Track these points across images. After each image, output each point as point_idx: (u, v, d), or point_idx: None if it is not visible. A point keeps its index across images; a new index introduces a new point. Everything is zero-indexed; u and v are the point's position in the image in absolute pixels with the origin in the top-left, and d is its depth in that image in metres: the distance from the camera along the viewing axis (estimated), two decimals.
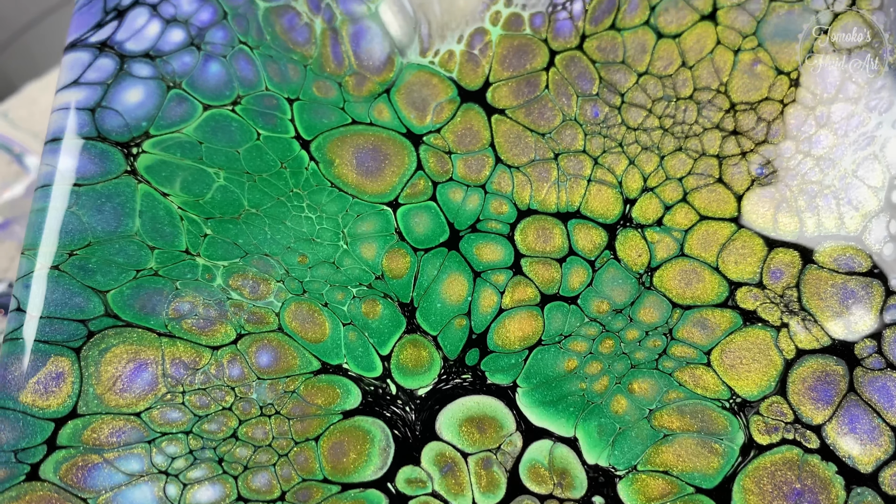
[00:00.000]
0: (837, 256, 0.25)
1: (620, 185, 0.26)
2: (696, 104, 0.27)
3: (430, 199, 0.25)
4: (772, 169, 0.26)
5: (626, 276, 0.24)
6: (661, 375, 0.23)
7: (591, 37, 0.28)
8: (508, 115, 0.27)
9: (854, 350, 0.24)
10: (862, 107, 0.27)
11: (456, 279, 0.24)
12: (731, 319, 0.24)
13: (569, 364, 0.23)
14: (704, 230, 0.25)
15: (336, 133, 0.27)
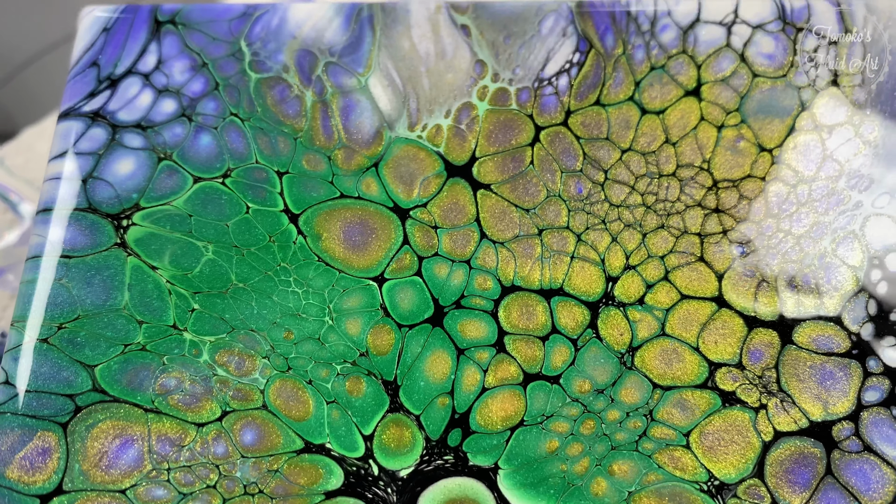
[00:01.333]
0: (816, 337, 0.25)
1: (603, 262, 0.26)
2: (678, 181, 0.28)
3: (415, 275, 0.26)
4: (753, 248, 0.27)
5: (608, 356, 0.25)
6: (641, 457, 0.24)
7: (576, 112, 0.29)
8: (494, 190, 0.28)
9: (832, 432, 0.24)
10: (843, 185, 0.28)
11: (440, 356, 0.25)
12: (711, 401, 0.24)
13: (550, 445, 0.24)
14: (685, 309, 0.26)
15: (324, 207, 0.27)
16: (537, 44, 0.31)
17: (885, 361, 0.26)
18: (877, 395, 0.25)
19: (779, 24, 0.31)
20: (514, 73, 0.30)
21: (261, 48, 0.31)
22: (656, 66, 0.30)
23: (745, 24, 0.31)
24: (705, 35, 0.31)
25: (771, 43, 0.31)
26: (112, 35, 0.31)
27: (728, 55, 0.30)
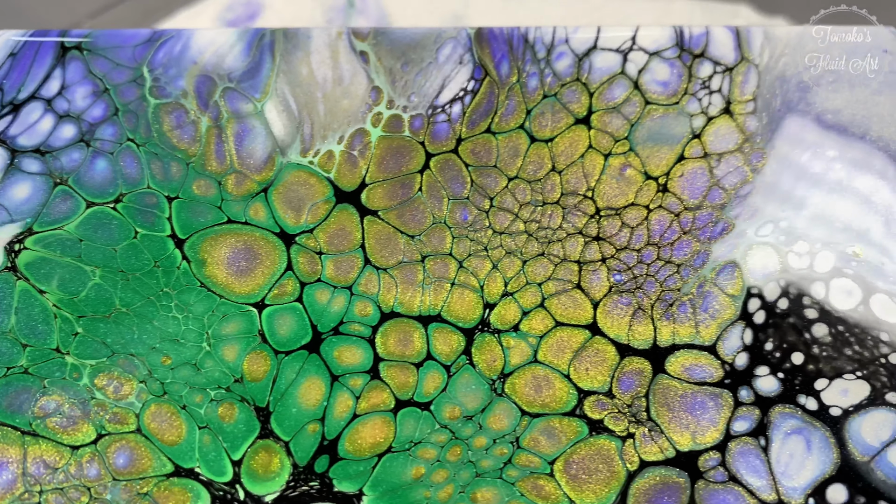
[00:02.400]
0: (690, 366, 0.26)
1: (482, 289, 0.27)
2: (562, 209, 0.28)
3: (296, 301, 0.27)
4: (631, 275, 0.27)
5: (480, 382, 0.26)
6: (504, 485, 0.24)
7: (467, 140, 0.30)
8: (381, 216, 0.28)
9: (698, 462, 0.25)
10: (727, 213, 0.28)
11: (314, 383, 0.26)
12: (578, 429, 0.25)
13: (416, 472, 0.24)
14: (559, 336, 0.26)
15: (210, 232, 0.28)
16: (434, 71, 0.32)
17: (756, 391, 0.26)
18: (746, 424, 0.26)
19: (676, 50, 0.32)
20: (409, 101, 0.31)
21: (162, 74, 0.32)
22: (549, 95, 0.31)
23: (643, 51, 0.32)
24: (600, 62, 0.31)
25: (666, 70, 0.31)
26: (18, 60, 0.33)
27: (622, 83, 0.31)
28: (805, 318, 0.28)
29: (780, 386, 0.27)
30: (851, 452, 0.26)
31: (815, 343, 0.27)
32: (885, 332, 0.28)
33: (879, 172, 0.30)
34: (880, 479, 0.26)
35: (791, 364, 0.27)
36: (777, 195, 0.30)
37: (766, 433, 0.26)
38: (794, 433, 0.26)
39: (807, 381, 0.27)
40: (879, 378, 0.27)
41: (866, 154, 0.31)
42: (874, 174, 0.30)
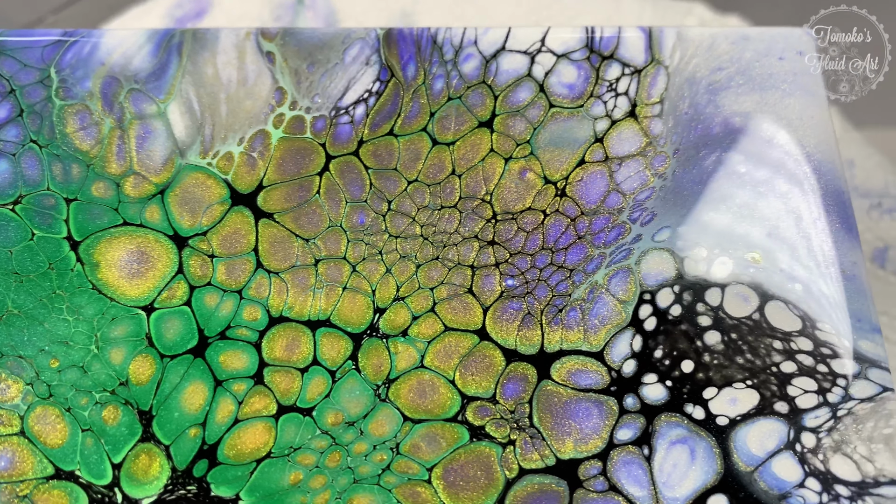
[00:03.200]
0: (576, 372, 0.26)
1: (374, 293, 0.27)
2: (459, 213, 0.29)
3: (184, 304, 0.27)
4: (523, 280, 0.27)
5: (364, 388, 0.26)
6: (381, 491, 0.24)
7: (369, 142, 0.30)
8: (276, 219, 0.29)
9: (578, 471, 0.25)
10: (624, 217, 0.28)
11: (197, 388, 0.26)
12: (458, 435, 0.25)
13: (294, 477, 0.25)
14: (447, 341, 0.26)
15: (105, 234, 0.28)
16: (339, 72, 0.32)
17: (643, 399, 0.26)
18: (630, 433, 0.26)
19: (584, 52, 0.32)
20: (312, 102, 0.31)
21: (69, 75, 0.32)
22: (454, 97, 0.31)
23: (551, 52, 0.32)
24: (507, 65, 0.31)
25: (573, 72, 0.31)
26: None
27: (528, 85, 0.31)
28: (698, 325, 0.28)
29: (668, 394, 0.27)
30: (735, 463, 0.26)
31: (706, 351, 0.27)
32: (779, 340, 0.28)
33: (786, 177, 0.30)
34: (762, 490, 0.26)
35: (680, 372, 0.27)
36: (677, 200, 0.30)
37: (651, 442, 0.26)
38: (679, 442, 0.26)
39: (695, 389, 0.27)
40: (769, 387, 0.27)
41: (773, 158, 0.30)
42: (780, 178, 0.30)
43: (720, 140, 0.31)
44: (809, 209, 0.30)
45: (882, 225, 0.47)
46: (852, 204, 0.49)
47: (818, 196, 0.30)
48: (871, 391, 0.27)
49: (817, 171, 0.30)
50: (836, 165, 0.31)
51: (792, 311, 0.28)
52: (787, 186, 0.30)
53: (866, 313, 0.28)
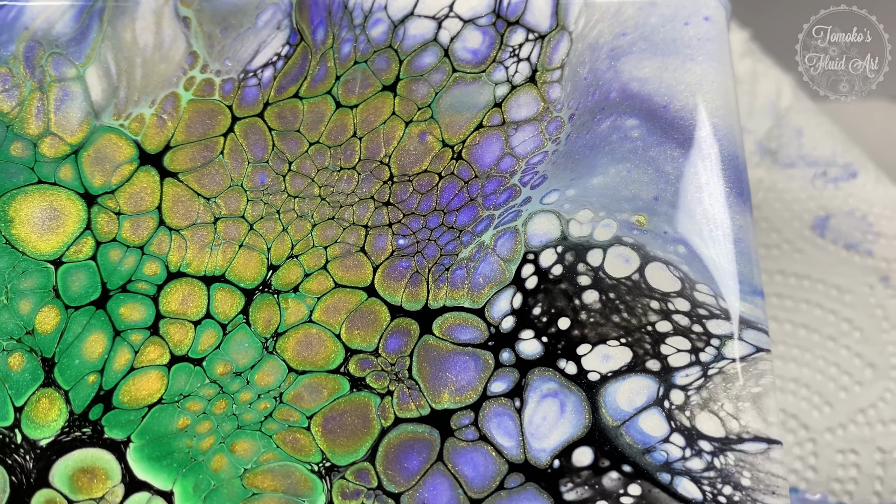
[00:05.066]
0: (457, 327, 0.28)
1: (269, 250, 0.29)
2: (357, 174, 0.30)
3: (90, 259, 0.29)
4: (414, 240, 0.29)
5: (253, 341, 0.27)
6: (263, 437, 0.26)
7: (274, 104, 0.31)
8: (181, 178, 0.30)
9: (451, 421, 0.26)
10: (516, 181, 0.30)
11: (98, 337, 0.28)
12: (339, 386, 0.27)
13: (182, 423, 0.27)
14: (337, 298, 0.28)
15: (20, 192, 0.30)
16: (251, 36, 0.33)
17: (518, 354, 0.28)
18: (503, 385, 0.28)
19: (491, 17, 0.33)
20: (223, 65, 0.33)
21: None
22: (360, 61, 0.32)
23: (458, 18, 0.33)
24: (414, 30, 0.33)
25: (478, 38, 0.32)
26: None
27: (433, 50, 0.32)
28: (577, 284, 0.29)
29: (543, 350, 0.28)
30: (603, 417, 0.27)
31: (583, 309, 0.29)
32: (657, 300, 0.29)
33: (679, 141, 0.31)
34: (627, 444, 0.27)
35: (556, 329, 0.28)
36: (569, 164, 0.31)
37: (522, 395, 0.28)
38: (550, 396, 0.28)
39: (570, 346, 0.28)
40: (643, 345, 0.28)
41: (667, 123, 0.31)
42: (673, 142, 0.31)
43: (616, 105, 0.32)
44: (700, 173, 0.31)
45: (825, 194, 0.48)
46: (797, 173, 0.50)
47: (712, 161, 0.31)
48: (744, 351, 0.28)
49: (714, 136, 0.31)
50: (734, 131, 0.32)
51: (672, 272, 0.29)
52: (679, 151, 0.31)
53: (748, 276, 0.29)
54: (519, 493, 0.27)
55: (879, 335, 0.45)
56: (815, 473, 0.43)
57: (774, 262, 0.47)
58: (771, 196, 0.48)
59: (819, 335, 0.45)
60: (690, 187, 0.30)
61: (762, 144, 0.49)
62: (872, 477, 0.42)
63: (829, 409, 0.43)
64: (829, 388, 0.44)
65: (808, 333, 0.45)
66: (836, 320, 0.45)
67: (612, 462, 0.27)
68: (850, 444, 0.43)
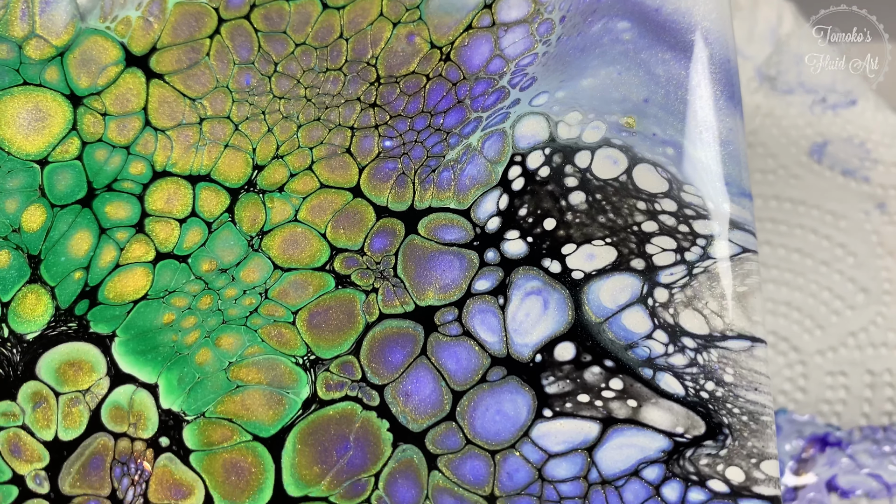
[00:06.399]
0: (442, 227, 0.28)
1: (254, 151, 0.29)
2: (344, 75, 0.30)
3: (76, 159, 0.29)
4: (401, 142, 0.29)
5: (238, 238, 0.28)
6: (248, 331, 0.27)
7: (260, 6, 0.31)
8: (166, 80, 0.30)
9: (435, 317, 0.27)
10: (504, 83, 0.29)
11: (84, 235, 0.28)
12: (325, 283, 0.27)
13: (167, 318, 0.27)
14: (322, 198, 0.28)
15: (5, 94, 0.30)
16: None
17: (503, 253, 0.28)
18: (487, 283, 0.28)
19: None
20: None
21: None
22: None
23: None
24: None
25: None
26: None
27: None
28: (564, 185, 0.29)
29: (528, 249, 0.28)
30: (586, 313, 0.28)
31: (569, 210, 0.29)
32: (644, 201, 0.29)
33: (670, 44, 0.31)
34: (609, 340, 0.27)
35: (542, 229, 0.28)
36: (559, 66, 0.30)
37: (506, 293, 0.28)
38: (534, 294, 0.28)
39: (555, 245, 0.28)
40: (628, 245, 0.28)
41: (658, 26, 0.31)
42: (664, 45, 0.31)
43: (608, 8, 0.31)
44: (691, 76, 0.30)
45: (824, 120, 0.47)
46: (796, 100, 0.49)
47: (702, 64, 0.30)
48: (730, 251, 0.28)
49: (705, 40, 0.31)
50: (727, 35, 0.31)
51: (660, 173, 0.29)
52: (670, 54, 0.31)
53: (737, 178, 0.29)
54: (501, 386, 0.27)
55: (873, 261, 0.45)
56: (804, 395, 0.43)
57: (770, 187, 0.46)
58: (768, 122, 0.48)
59: (812, 260, 0.45)
60: (681, 90, 0.30)
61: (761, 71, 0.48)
62: (861, 399, 0.43)
63: (821, 332, 0.44)
64: (820, 311, 0.44)
65: (802, 258, 0.45)
66: (831, 245, 0.45)
67: (594, 357, 0.27)
68: (840, 366, 0.43)
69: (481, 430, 0.27)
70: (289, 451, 0.27)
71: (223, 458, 0.27)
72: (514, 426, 0.27)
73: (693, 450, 0.26)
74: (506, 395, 0.27)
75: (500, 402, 0.27)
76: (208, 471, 0.27)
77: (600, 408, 0.27)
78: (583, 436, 0.27)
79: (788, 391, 0.43)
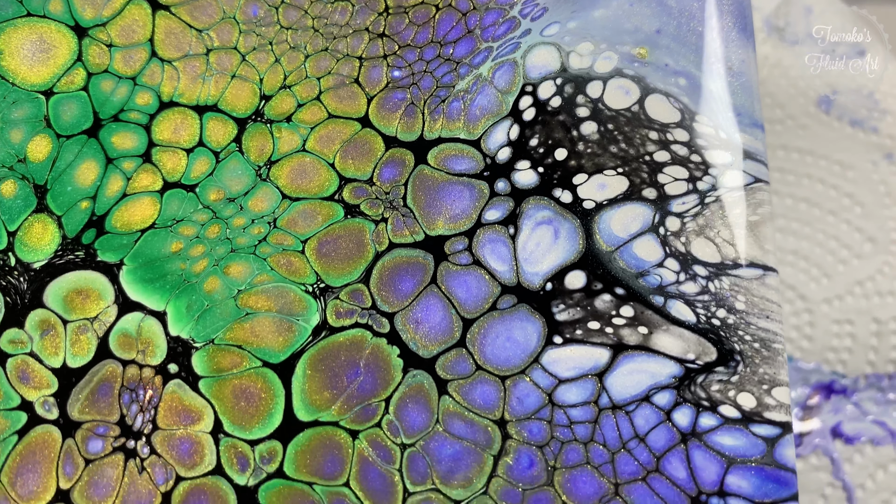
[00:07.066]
0: (452, 157, 0.27)
1: (261, 81, 0.28)
2: (351, 6, 0.29)
3: (82, 90, 0.28)
4: (410, 72, 0.28)
5: (246, 168, 0.27)
6: (257, 260, 0.26)
7: None
8: (172, 11, 0.30)
9: (444, 246, 0.26)
10: (515, 13, 0.29)
11: (90, 165, 0.28)
12: (334, 212, 0.27)
13: (175, 246, 0.27)
14: (330, 128, 0.28)
15: (9, 25, 0.30)
16: None
17: (514, 184, 0.28)
18: (498, 213, 0.27)
19: None
20: None
21: None
22: None
23: None
24: None
25: None
26: None
27: None
28: (576, 116, 0.29)
29: (539, 179, 0.28)
30: (597, 242, 0.27)
31: (581, 140, 0.28)
32: (656, 131, 0.28)
33: None
34: (620, 268, 0.27)
35: (553, 159, 0.28)
36: None
37: (517, 222, 0.28)
38: (544, 223, 0.28)
39: (566, 175, 0.28)
40: (640, 174, 0.28)
41: None
42: None
43: None
44: (703, 8, 0.30)
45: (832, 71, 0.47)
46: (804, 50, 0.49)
47: None
48: (743, 181, 0.28)
49: None
50: None
51: (672, 104, 0.29)
52: None
53: (749, 109, 0.29)
54: (511, 314, 0.27)
55: (881, 210, 0.44)
56: (810, 343, 0.43)
57: (777, 137, 0.46)
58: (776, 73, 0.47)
59: (820, 209, 0.45)
60: (693, 21, 0.30)
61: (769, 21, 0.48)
62: (867, 347, 0.42)
63: (827, 280, 0.43)
64: (827, 260, 0.44)
65: (809, 208, 0.45)
66: (838, 195, 0.45)
67: (604, 285, 0.27)
68: (847, 314, 0.43)
69: (491, 357, 0.27)
70: (299, 377, 0.27)
71: (232, 384, 0.27)
72: (524, 353, 0.27)
73: (704, 376, 0.26)
74: (516, 322, 0.27)
75: (511, 329, 0.27)
76: (217, 397, 0.27)
77: (611, 335, 0.27)
78: (593, 362, 0.27)
79: (794, 339, 0.43)
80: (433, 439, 0.26)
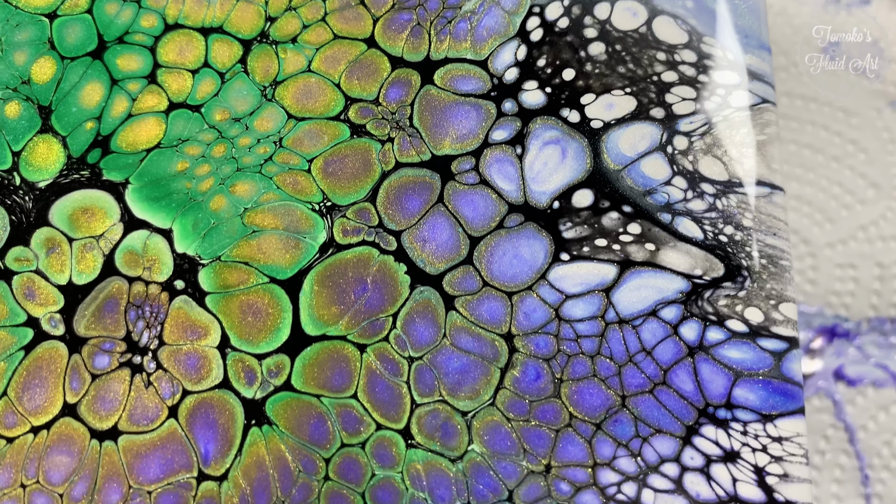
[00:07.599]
0: (459, 77, 0.27)
1: (267, 3, 0.28)
2: None
3: (86, 13, 0.28)
4: None
5: (251, 88, 0.27)
6: (263, 179, 0.26)
7: None
8: None
9: (451, 165, 0.26)
10: None
11: (95, 86, 0.27)
12: (340, 132, 0.27)
13: (181, 165, 0.26)
14: (336, 49, 0.28)
15: None
16: None
17: (521, 104, 0.28)
18: (505, 133, 0.27)
19: None
20: None
21: None
22: None
23: None
24: None
25: None
26: None
27: None
28: (583, 36, 0.28)
29: (546, 99, 0.28)
30: (605, 161, 0.27)
31: (588, 60, 0.28)
32: (664, 52, 0.28)
33: None
34: (628, 186, 0.27)
35: (561, 80, 0.28)
36: None
37: (524, 142, 0.27)
38: (552, 143, 0.27)
39: (574, 95, 0.28)
40: (648, 94, 0.28)
41: None
42: None
43: None
44: None
45: (837, 19, 0.46)
46: None
47: None
48: (750, 101, 0.28)
49: None
50: None
51: (680, 25, 0.29)
52: None
53: (756, 31, 0.29)
54: (518, 232, 0.27)
55: (884, 157, 0.44)
56: (813, 287, 0.43)
57: (781, 84, 0.46)
58: (781, 20, 0.47)
59: (823, 156, 0.44)
60: None
61: None
62: (870, 291, 0.43)
63: (831, 225, 0.43)
64: (831, 205, 0.44)
65: (813, 154, 0.45)
66: (842, 142, 0.45)
67: (612, 203, 0.27)
68: (850, 259, 0.43)
69: (498, 273, 0.27)
70: (306, 293, 0.27)
71: (239, 300, 0.27)
72: (531, 269, 0.27)
73: (711, 291, 0.26)
74: (523, 240, 0.27)
75: (518, 246, 0.27)
76: (224, 312, 0.27)
77: (618, 251, 0.27)
78: (600, 278, 0.27)
79: (798, 283, 0.43)
80: (440, 353, 0.26)
